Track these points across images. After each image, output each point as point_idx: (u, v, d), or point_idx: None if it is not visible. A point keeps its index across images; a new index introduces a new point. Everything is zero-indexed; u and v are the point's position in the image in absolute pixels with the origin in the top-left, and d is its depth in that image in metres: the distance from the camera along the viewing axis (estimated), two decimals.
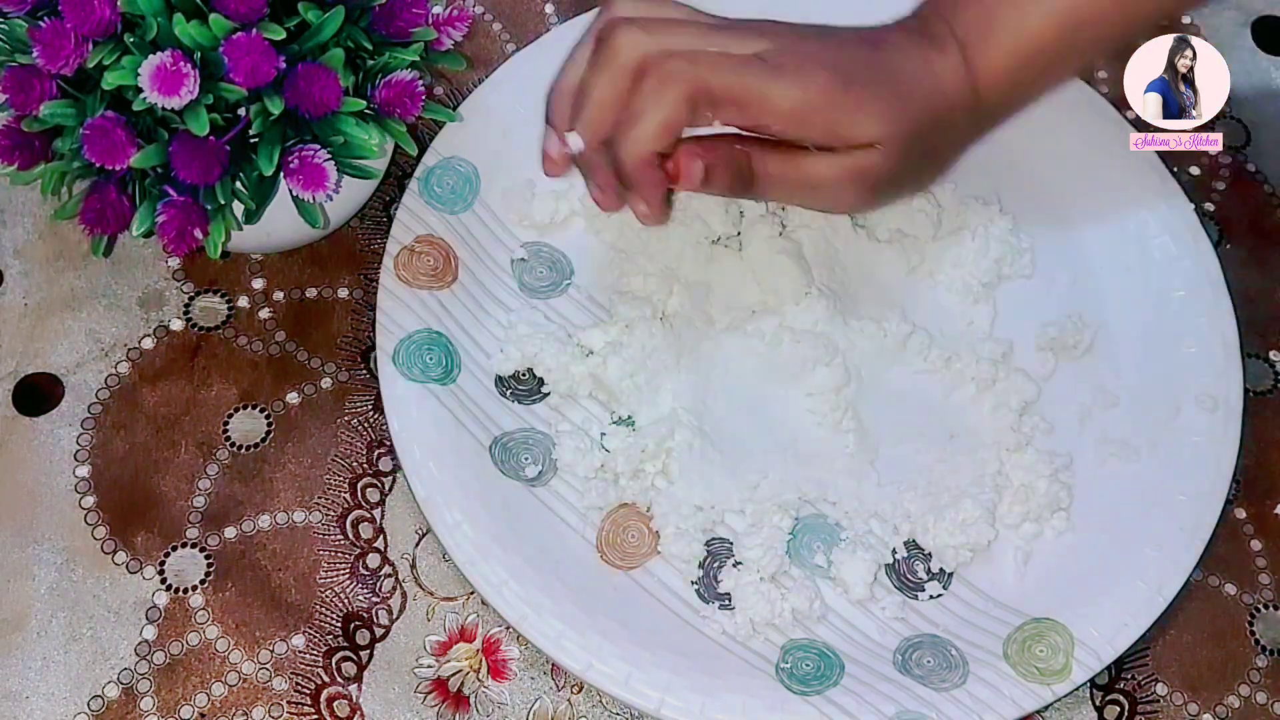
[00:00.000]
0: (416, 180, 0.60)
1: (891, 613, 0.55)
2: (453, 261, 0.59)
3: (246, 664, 0.54)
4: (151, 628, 0.54)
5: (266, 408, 0.59)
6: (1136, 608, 0.54)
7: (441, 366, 0.57)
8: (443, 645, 0.55)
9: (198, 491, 0.57)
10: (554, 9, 0.69)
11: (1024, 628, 0.54)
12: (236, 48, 0.49)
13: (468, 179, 0.61)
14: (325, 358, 0.60)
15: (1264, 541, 0.59)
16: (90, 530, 0.56)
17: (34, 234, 0.62)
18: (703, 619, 0.54)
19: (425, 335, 0.57)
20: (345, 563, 0.56)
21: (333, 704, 0.54)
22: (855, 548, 0.55)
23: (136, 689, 0.53)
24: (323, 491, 0.57)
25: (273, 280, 0.61)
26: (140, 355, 0.60)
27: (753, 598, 0.53)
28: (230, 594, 0.55)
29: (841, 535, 0.56)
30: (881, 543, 0.56)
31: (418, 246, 0.59)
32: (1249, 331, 0.62)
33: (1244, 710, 0.55)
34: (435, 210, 0.60)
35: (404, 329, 0.57)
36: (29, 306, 0.60)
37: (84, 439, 0.58)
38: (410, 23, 0.54)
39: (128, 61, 0.49)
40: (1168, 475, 0.57)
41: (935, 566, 0.56)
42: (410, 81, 0.53)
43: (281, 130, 0.51)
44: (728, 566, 0.55)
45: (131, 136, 0.49)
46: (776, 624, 0.54)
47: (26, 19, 0.50)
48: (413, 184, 0.60)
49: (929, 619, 0.55)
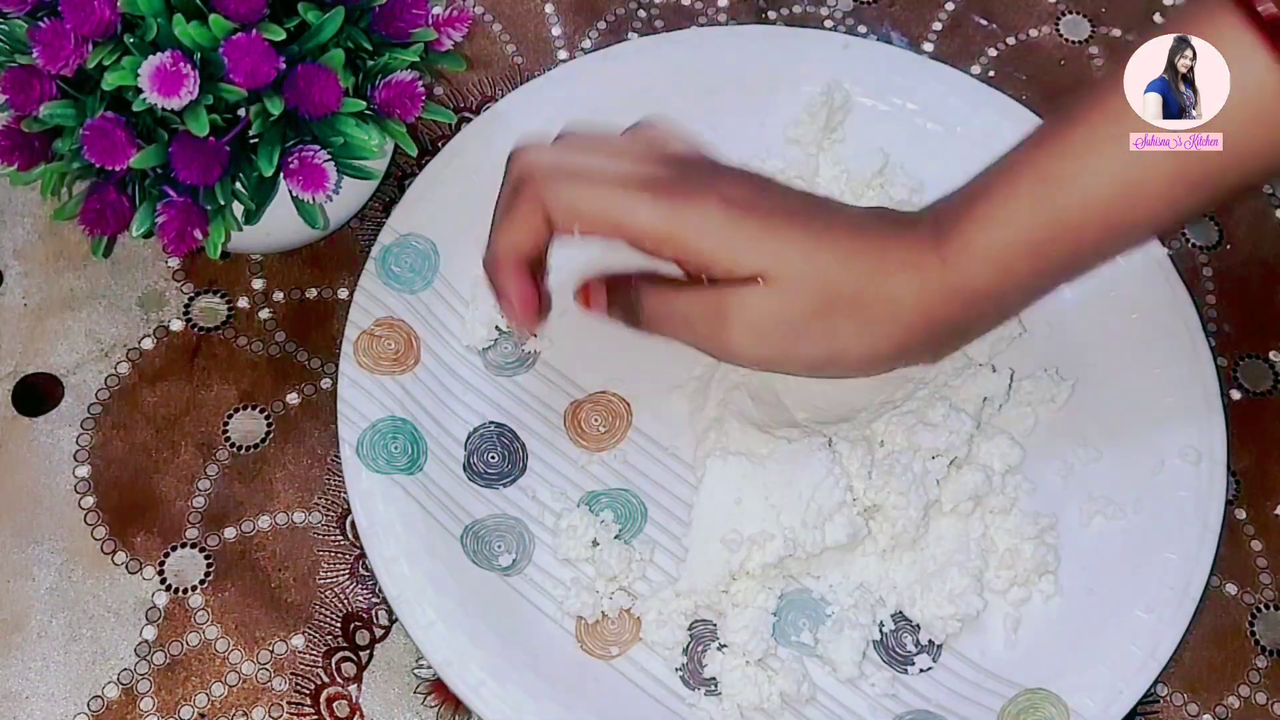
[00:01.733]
0: (373, 260, 0.59)
1: (881, 689, 0.53)
2: (414, 344, 0.58)
3: (246, 664, 0.54)
4: (151, 628, 0.54)
5: (266, 408, 0.59)
6: (1130, 674, 0.52)
7: (407, 455, 0.55)
8: None
9: (197, 492, 0.57)
10: (554, 9, 0.69)
11: (1017, 699, 0.52)
12: (236, 48, 0.49)
13: (426, 256, 0.60)
14: (325, 358, 0.60)
15: (1264, 542, 0.59)
16: (90, 530, 0.56)
17: (34, 234, 0.62)
18: (689, 707, 0.52)
19: (389, 423, 0.56)
20: (345, 563, 0.56)
21: (332, 704, 0.54)
22: (842, 625, 0.53)
23: (136, 689, 0.53)
24: (323, 492, 0.57)
25: (273, 280, 0.62)
26: (140, 356, 0.60)
27: (740, 683, 0.52)
28: (230, 594, 0.55)
29: (827, 611, 0.54)
30: (869, 616, 0.54)
31: (377, 330, 0.58)
32: (1248, 332, 0.62)
33: (1244, 710, 0.55)
34: (394, 291, 0.58)
35: (367, 418, 0.55)
36: (29, 307, 0.60)
37: (84, 439, 0.58)
38: (410, 23, 0.54)
39: (128, 62, 0.49)
40: (1154, 533, 0.55)
41: (924, 638, 0.54)
42: (410, 82, 0.53)
43: (281, 131, 0.51)
44: (711, 650, 0.53)
45: (131, 137, 0.49)
46: (765, 708, 0.52)
47: (26, 19, 0.50)
48: (370, 264, 0.59)
49: (920, 694, 0.53)
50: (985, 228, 0.49)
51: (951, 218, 0.50)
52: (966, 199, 0.50)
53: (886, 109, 0.64)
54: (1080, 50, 0.70)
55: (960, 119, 0.64)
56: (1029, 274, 0.49)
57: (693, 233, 0.49)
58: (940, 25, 0.70)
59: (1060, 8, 0.71)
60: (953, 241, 0.49)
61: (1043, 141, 0.49)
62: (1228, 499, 0.57)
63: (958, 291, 0.49)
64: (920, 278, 0.49)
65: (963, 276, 0.49)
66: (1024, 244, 0.49)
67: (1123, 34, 0.70)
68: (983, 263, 0.49)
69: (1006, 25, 0.70)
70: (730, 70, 0.65)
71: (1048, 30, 0.71)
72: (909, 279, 0.49)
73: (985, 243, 0.49)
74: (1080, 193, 0.48)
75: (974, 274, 0.49)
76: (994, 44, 0.70)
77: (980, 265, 0.49)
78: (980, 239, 0.49)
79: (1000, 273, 0.49)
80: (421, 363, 0.58)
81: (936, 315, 0.50)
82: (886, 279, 0.49)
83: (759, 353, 0.51)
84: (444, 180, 0.61)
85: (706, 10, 0.70)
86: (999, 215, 0.49)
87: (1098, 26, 0.71)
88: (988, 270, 0.49)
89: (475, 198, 0.60)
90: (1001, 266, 0.49)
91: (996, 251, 0.49)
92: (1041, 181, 0.48)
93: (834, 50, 0.65)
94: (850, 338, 0.50)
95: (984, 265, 0.49)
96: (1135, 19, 0.71)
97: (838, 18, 0.70)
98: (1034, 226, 0.48)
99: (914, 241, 0.50)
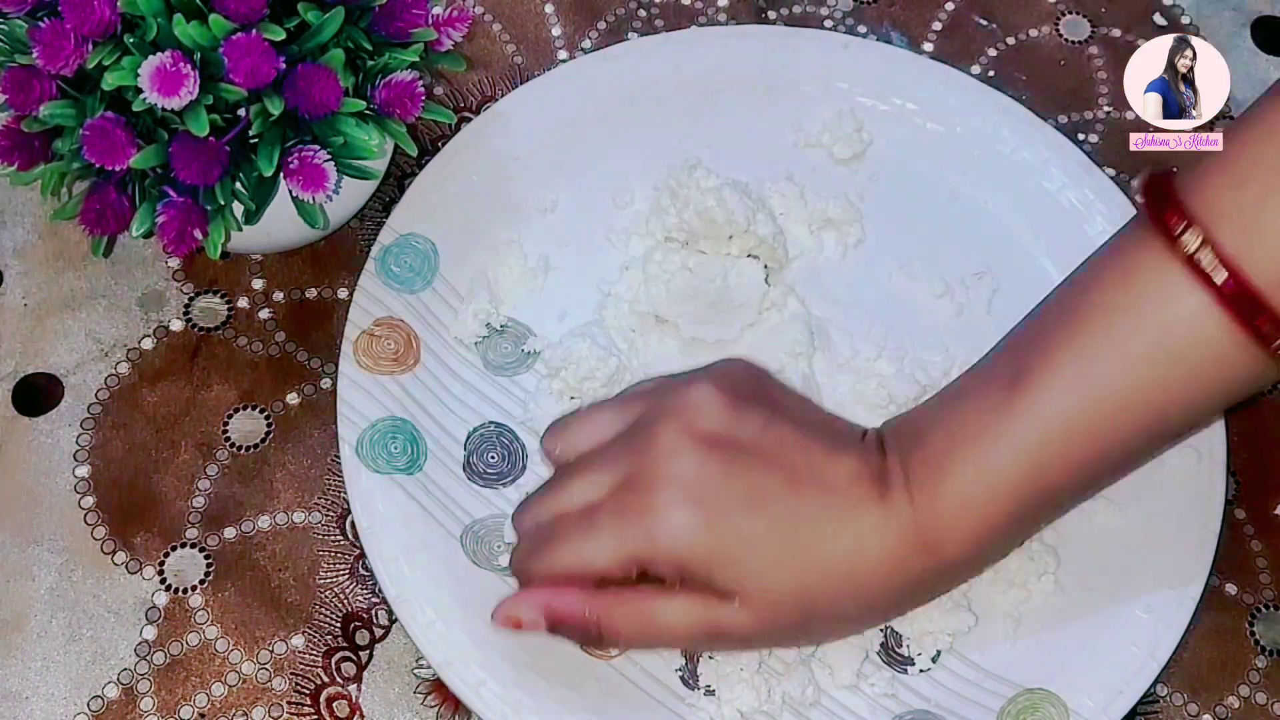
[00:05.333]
0: (373, 260, 0.59)
1: (881, 689, 0.53)
2: (414, 343, 0.58)
3: (246, 664, 0.54)
4: (151, 628, 0.54)
5: (266, 408, 0.59)
6: (1129, 674, 0.52)
7: (407, 455, 0.55)
8: None
9: (197, 492, 0.57)
10: (554, 9, 0.69)
11: (1017, 699, 0.52)
12: (236, 48, 0.49)
13: (425, 256, 0.60)
14: (325, 358, 0.60)
15: (1264, 541, 0.58)
16: (90, 530, 0.56)
17: (34, 234, 0.62)
18: (689, 707, 0.52)
19: (389, 423, 0.56)
20: (345, 563, 0.56)
21: (332, 704, 0.54)
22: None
23: (136, 689, 0.53)
24: (323, 492, 0.57)
25: (273, 280, 0.62)
26: (140, 356, 0.60)
27: (738, 687, 0.52)
28: (230, 594, 0.55)
29: None
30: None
31: (377, 330, 0.58)
32: None
33: (1244, 710, 0.55)
34: (393, 291, 0.59)
35: (367, 418, 0.55)
36: (29, 306, 0.60)
37: (84, 439, 0.58)
38: (410, 23, 0.54)
39: (128, 62, 0.49)
40: (1154, 532, 0.55)
41: (917, 650, 0.54)
42: (410, 82, 0.53)
43: (281, 131, 0.51)
44: (704, 658, 0.53)
45: (131, 137, 0.49)
46: (766, 710, 0.52)
47: (26, 19, 0.50)
48: (369, 264, 0.59)
49: (920, 694, 0.53)
50: (959, 481, 0.48)
51: (920, 461, 0.49)
52: (935, 446, 0.49)
53: (886, 109, 0.64)
54: (1080, 50, 0.70)
55: (959, 119, 0.64)
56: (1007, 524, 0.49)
57: (663, 550, 0.48)
58: (940, 25, 0.70)
59: (1060, 8, 0.71)
60: (924, 493, 0.48)
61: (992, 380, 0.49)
62: (1228, 498, 0.57)
63: (957, 569, 0.50)
64: (905, 578, 0.49)
65: (935, 532, 0.48)
66: (1005, 496, 0.48)
67: (1122, 34, 0.70)
68: (957, 520, 0.48)
69: (1006, 25, 0.70)
70: (730, 70, 0.65)
71: (1048, 30, 0.71)
72: (895, 579, 0.49)
73: (961, 497, 0.48)
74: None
75: (947, 532, 0.48)
76: (994, 44, 0.70)
77: (956, 524, 0.48)
78: (954, 492, 0.48)
79: (978, 529, 0.48)
80: (421, 363, 0.58)
81: (909, 576, 0.49)
82: (868, 579, 0.49)
83: (750, 646, 0.52)
84: (444, 180, 0.61)
85: (706, 10, 0.70)
86: (970, 471, 0.48)
87: (1098, 26, 0.71)
88: (963, 529, 0.48)
89: (475, 198, 0.60)
90: (980, 522, 0.48)
91: (977, 505, 0.48)
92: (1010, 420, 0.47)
93: (834, 50, 0.65)
94: (829, 632, 0.52)
95: (960, 522, 0.48)
96: (1135, 19, 0.71)
97: (838, 18, 0.70)
98: (1014, 475, 0.48)
99: (889, 541, 0.48)
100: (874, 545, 0.48)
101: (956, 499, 0.48)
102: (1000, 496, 0.48)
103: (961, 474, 0.48)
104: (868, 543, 0.48)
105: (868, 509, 0.48)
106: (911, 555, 0.48)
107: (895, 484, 0.49)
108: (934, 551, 0.48)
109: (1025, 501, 0.48)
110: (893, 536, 0.48)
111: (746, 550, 0.48)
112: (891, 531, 0.48)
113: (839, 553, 0.48)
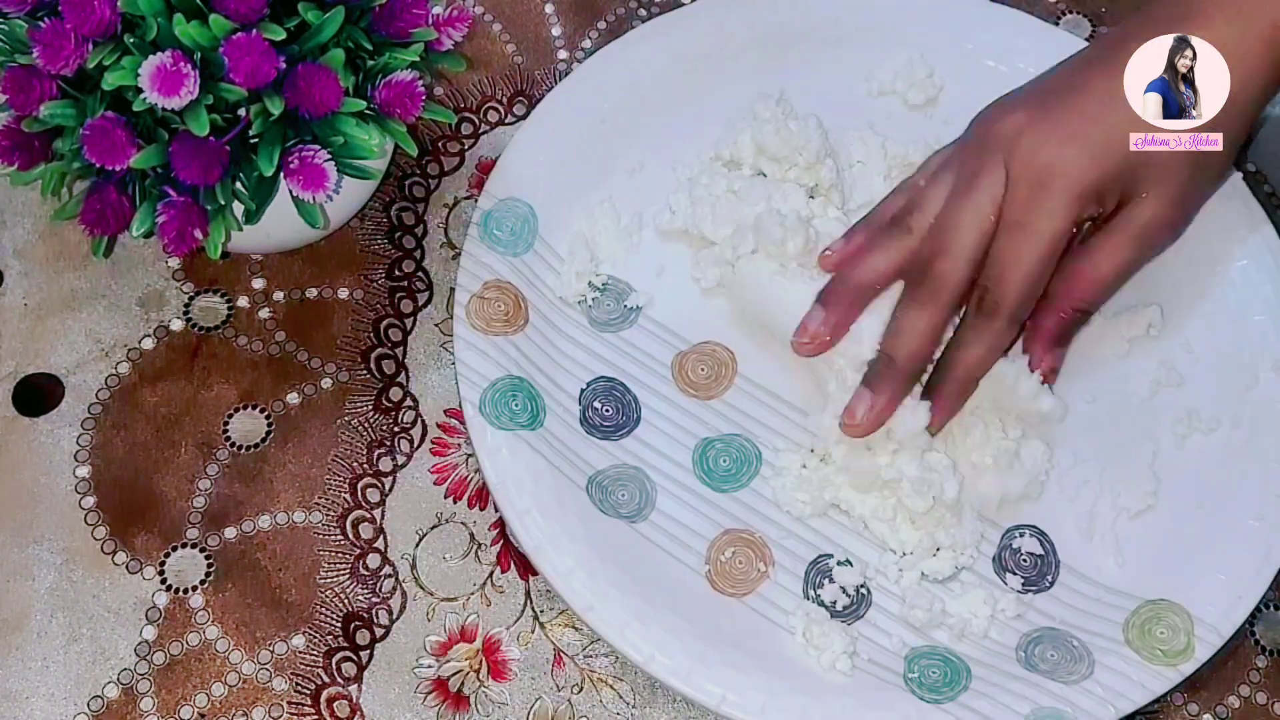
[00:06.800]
0: (476, 225, 0.60)
1: (1011, 611, 0.55)
2: (522, 305, 0.59)
3: (246, 664, 0.54)
4: (151, 628, 0.54)
5: (266, 408, 0.59)
6: (1248, 579, 0.54)
7: (528, 412, 0.57)
8: (443, 645, 0.55)
9: (198, 492, 0.57)
10: (554, 9, 0.69)
11: (1140, 611, 0.54)
12: (236, 48, 0.49)
13: (525, 219, 0.61)
14: (325, 358, 0.60)
15: None
16: (90, 530, 0.56)
17: (34, 234, 0.62)
18: (816, 651, 0.54)
19: (507, 382, 0.57)
20: (345, 563, 0.56)
21: (333, 704, 0.54)
22: (974, 587, 0.56)
23: (136, 689, 0.53)
24: (323, 491, 0.57)
25: (273, 280, 0.62)
26: (140, 355, 0.60)
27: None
28: (230, 594, 0.55)
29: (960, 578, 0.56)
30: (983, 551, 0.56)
31: (487, 293, 0.59)
32: None
33: (1244, 710, 0.55)
34: (498, 254, 0.60)
35: (486, 377, 0.57)
36: (29, 307, 0.60)
37: (84, 439, 0.58)
38: (410, 23, 0.54)
39: (128, 62, 0.49)
40: (1255, 445, 0.58)
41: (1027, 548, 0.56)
42: (410, 82, 0.53)
43: (281, 130, 0.51)
44: (832, 574, 0.55)
45: (131, 137, 0.50)
46: (908, 618, 0.55)
47: (26, 19, 0.50)
48: (472, 229, 0.60)
49: (1044, 613, 0.55)
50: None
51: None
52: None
53: (955, 54, 0.66)
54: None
55: (1027, 60, 0.64)
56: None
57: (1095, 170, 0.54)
58: None
59: (1060, 7, 0.71)
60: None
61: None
62: None
63: None
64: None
65: None
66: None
67: None
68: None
69: None
70: (801, 24, 0.66)
71: None
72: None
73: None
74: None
75: None
76: None
77: None
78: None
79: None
80: (530, 323, 0.59)
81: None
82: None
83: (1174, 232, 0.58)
84: (535, 145, 0.62)
85: None
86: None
87: (1098, 26, 0.71)
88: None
89: (566, 161, 0.62)
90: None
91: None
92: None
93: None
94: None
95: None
96: None
97: None
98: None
99: None
100: None
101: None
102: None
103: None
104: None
105: None
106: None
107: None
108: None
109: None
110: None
111: (1143, 159, 0.54)
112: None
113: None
